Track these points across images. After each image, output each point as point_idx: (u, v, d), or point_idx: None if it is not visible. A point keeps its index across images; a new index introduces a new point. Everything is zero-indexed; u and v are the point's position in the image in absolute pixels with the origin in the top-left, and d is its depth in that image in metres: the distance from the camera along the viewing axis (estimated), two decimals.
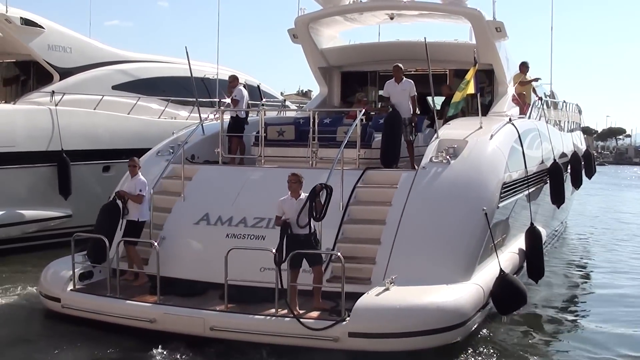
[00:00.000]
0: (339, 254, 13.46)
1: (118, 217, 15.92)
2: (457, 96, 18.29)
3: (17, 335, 14.51)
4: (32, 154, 23.07)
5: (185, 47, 19.75)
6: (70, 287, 15.09)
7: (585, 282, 21.13)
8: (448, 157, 16.01)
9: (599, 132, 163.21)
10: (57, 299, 15.07)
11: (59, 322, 14.99)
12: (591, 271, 22.96)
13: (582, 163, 28.11)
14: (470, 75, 17.96)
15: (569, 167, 25.60)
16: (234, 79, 21.11)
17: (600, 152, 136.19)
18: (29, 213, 22.95)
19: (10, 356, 13.34)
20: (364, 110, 17.57)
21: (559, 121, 28.26)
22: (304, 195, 13.94)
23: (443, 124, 18.57)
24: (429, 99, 21.36)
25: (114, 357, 13.00)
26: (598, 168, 38.31)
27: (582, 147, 31.60)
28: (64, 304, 14.92)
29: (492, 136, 17.00)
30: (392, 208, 15.28)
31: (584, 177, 29.37)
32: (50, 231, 23.31)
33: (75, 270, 15.24)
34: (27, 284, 17.81)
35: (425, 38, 17.71)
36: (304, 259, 13.74)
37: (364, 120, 18.04)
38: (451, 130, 17.67)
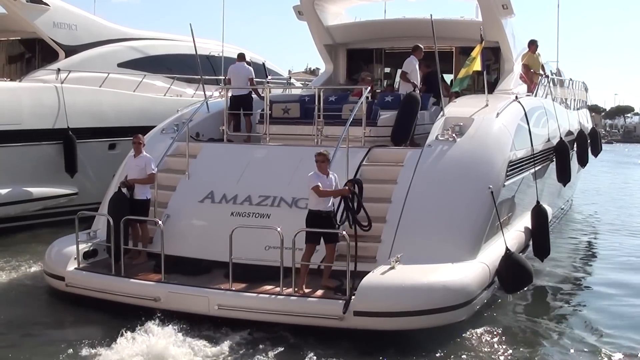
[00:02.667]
0: (344, 232, 13.40)
1: (127, 206, 15.75)
2: (462, 72, 18.16)
3: (21, 314, 14.53)
4: (38, 131, 23.06)
5: (190, 24, 19.72)
6: (75, 265, 15.07)
7: (592, 261, 21.12)
8: (454, 135, 15.91)
9: (607, 110, 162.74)
10: (61, 277, 15.04)
11: (63, 300, 15.03)
12: (597, 250, 22.91)
13: (589, 141, 28.08)
14: (476, 52, 17.84)
15: (575, 145, 25.46)
16: (237, 57, 21.09)
17: (608, 130, 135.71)
18: (35, 191, 22.93)
19: (14, 334, 13.35)
20: (369, 87, 17.46)
21: (565, 99, 28.11)
22: (332, 175, 14.01)
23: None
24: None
25: (117, 336, 12.95)
26: (606, 146, 38.28)
27: (589, 125, 31.39)
28: (68, 283, 14.91)
29: (498, 114, 16.90)
30: (398, 186, 15.22)
31: (591, 156, 29.37)
32: (56, 209, 23.31)
33: (80, 248, 15.20)
34: (32, 262, 17.88)
35: (431, 15, 17.58)
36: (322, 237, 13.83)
37: (369, 98, 17.92)
38: (457, 108, 17.58)
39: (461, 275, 13.47)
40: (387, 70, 27.21)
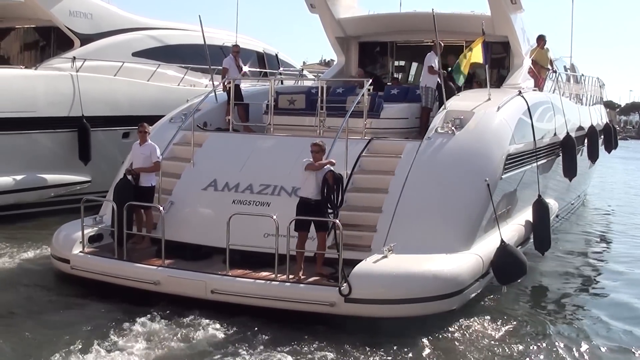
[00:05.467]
0: (337, 221, 13.69)
1: (132, 192, 16.14)
2: (464, 64, 18.15)
3: (28, 294, 15.03)
4: (53, 119, 23.38)
5: (199, 15, 20.11)
6: (80, 249, 15.49)
7: (593, 257, 21.04)
8: (454, 128, 16.13)
9: (621, 106, 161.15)
10: (67, 260, 15.50)
11: (69, 283, 15.48)
12: (601, 246, 22.92)
13: (602, 137, 28.16)
14: (475, 45, 17.92)
15: (585, 140, 25.54)
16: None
17: (622, 126, 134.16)
18: (49, 178, 23.28)
19: (20, 312, 13.81)
20: (370, 80, 17.68)
21: (578, 95, 28.16)
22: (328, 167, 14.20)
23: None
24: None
25: (118, 318, 13.35)
26: (621, 143, 38.02)
27: (603, 121, 31.33)
28: (73, 266, 15.34)
29: (499, 108, 17.07)
30: (395, 177, 15.47)
31: (605, 152, 29.48)
32: (70, 196, 23.63)
33: (85, 233, 15.62)
34: (43, 247, 18.25)
35: (432, 9, 17.79)
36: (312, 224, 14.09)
37: (371, 90, 18.12)
38: (459, 102, 17.79)
39: (453, 265, 13.71)
40: (402, 63, 27.43)
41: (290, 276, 13.50)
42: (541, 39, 22.89)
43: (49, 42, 27.38)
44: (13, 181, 22.31)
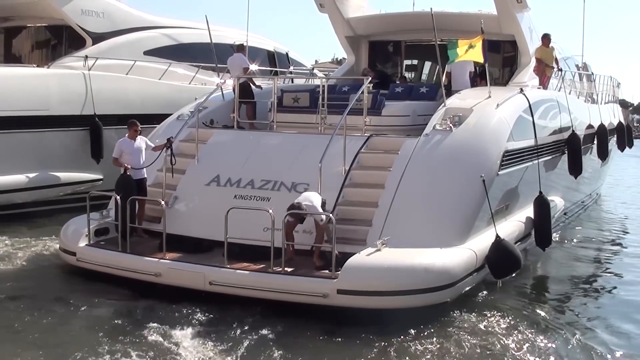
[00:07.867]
0: (331, 215, 14.01)
1: (134, 187, 16.67)
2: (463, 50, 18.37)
3: (37, 284, 15.52)
4: (65, 117, 23.61)
5: (205, 15, 20.47)
6: (85, 242, 15.91)
7: (596, 255, 20.96)
8: (452, 125, 16.35)
9: (634, 105, 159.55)
10: (73, 253, 15.95)
11: (75, 275, 15.94)
12: (606, 245, 22.74)
13: (615, 136, 28.27)
14: (476, 41, 18.10)
15: (595, 139, 25.62)
16: (236, 47, 22.31)
17: (636, 125, 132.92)
18: (62, 176, 23.48)
19: (25, 303, 14.21)
20: (370, 77, 17.95)
21: (589, 93, 28.24)
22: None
23: None
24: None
25: (121, 310, 13.76)
26: (635, 142, 37.84)
27: (616, 120, 31.25)
28: (79, 258, 15.81)
29: (498, 105, 17.27)
30: (392, 173, 15.70)
31: (619, 150, 29.59)
32: (82, 194, 23.88)
33: (92, 226, 16.08)
34: (52, 242, 18.64)
35: (431, 8, 18.06)
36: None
37: (371, 87, 18.36)
38: (459, 99, 18.02)
39: (444, 259, 13.95)
40: (414, 62, 27.64)
41: (286, 268, 13.84)
42: (546, 38, 23.02)
43: (60, 40, 27.50)
44: (26, 179, 22.54)
